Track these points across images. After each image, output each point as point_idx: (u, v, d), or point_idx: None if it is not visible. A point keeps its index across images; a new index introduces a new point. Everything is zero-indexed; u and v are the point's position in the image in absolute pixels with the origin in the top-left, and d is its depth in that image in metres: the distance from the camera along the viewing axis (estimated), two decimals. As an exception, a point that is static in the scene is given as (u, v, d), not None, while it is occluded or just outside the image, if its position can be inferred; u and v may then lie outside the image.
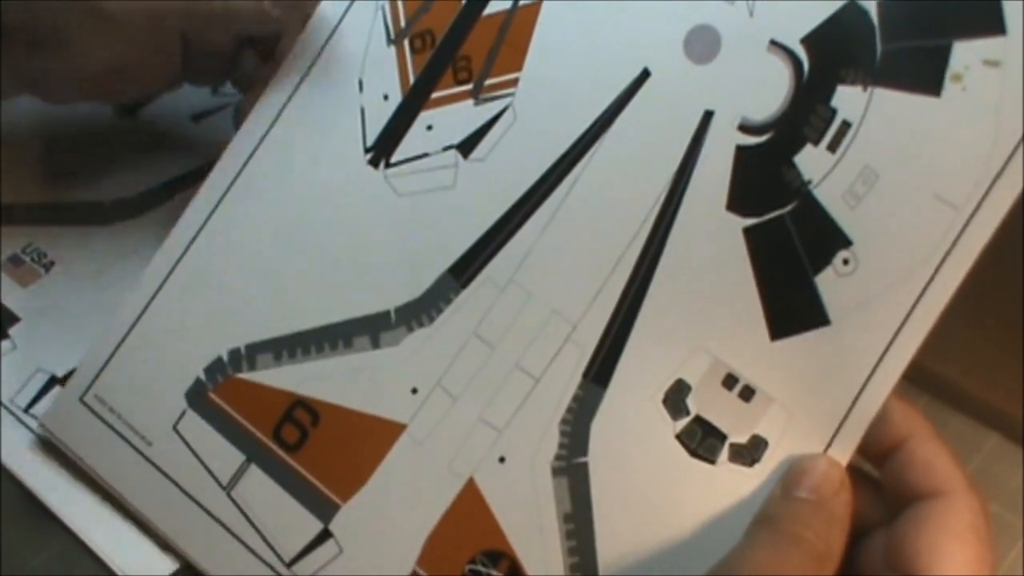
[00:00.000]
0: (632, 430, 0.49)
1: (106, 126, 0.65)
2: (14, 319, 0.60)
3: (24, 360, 0.59)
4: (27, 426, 0.57)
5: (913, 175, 0.47)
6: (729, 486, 0.48)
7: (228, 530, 0.52)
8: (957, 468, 0.46)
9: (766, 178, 0.48)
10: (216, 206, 0.54)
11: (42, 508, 0.55)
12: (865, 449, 0.47)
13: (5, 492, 0.55)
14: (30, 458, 0.56)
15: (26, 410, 0.56)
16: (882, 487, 0.48)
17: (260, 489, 0.52)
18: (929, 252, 0.46)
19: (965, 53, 0.46)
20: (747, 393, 0.48)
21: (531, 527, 0.50)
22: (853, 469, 0.48)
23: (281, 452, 0.52)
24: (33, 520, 0.55)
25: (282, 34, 0.55)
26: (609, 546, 0.49)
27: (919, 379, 0.58)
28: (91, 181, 0.64)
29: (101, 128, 0.65)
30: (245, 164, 0.54)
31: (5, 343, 0.59)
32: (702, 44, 0.49)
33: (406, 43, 0.53)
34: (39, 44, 0.53)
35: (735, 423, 0.48)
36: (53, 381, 0.58)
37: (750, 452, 0.48)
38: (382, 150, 0.53)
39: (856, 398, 0.47)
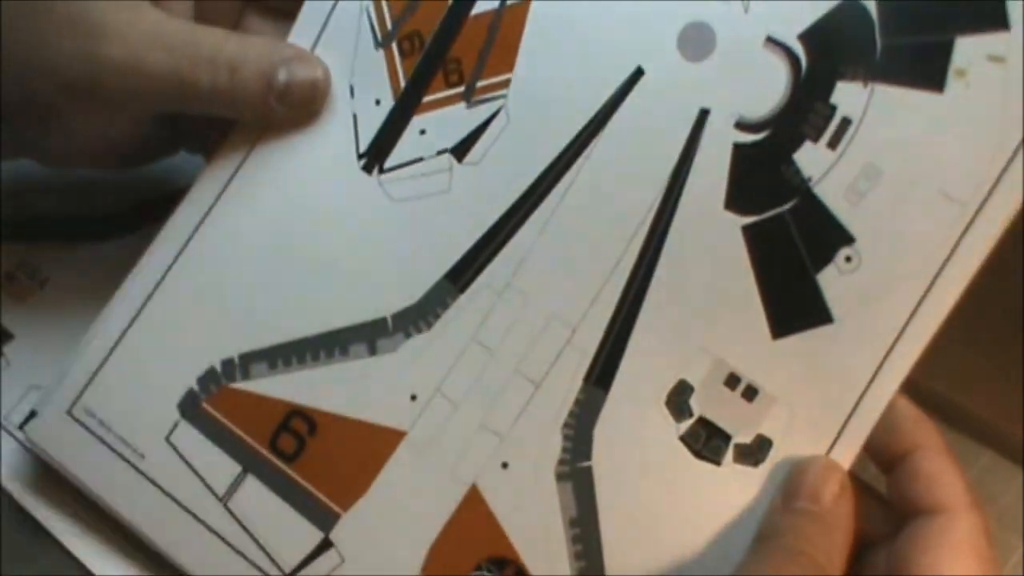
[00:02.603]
0: (636, 433, 0.49)
1: None
2: (8, 336, 0.60)
3: (18, 377, 0.58)
4: (21, 443, 0.56)
5: (917, 172, 0.47)
6: (735, 487, 0.48)
7: (226, 542, 0.52)
8: (961, 484, 0.46)
9: (765, 176, 0.48)
10: (207, 213, 0.53)
11: (35, 524, 0.54)
12: (874, 455, 0.47)
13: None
14: (23, 474, 0.55)
15: (20, 427, 0.55)
16: (887, 499, 0.47)
17: (258, 500, 0.52)
18: (934, 249, 0.46)
19: (968, 49, 0.46)
20: (750, 393, 0.48)
21: (536, 533, 0.49)
22: (858, 481, 0.47)
23: (278, 462, 0.51)
24: (26, 536, 0.54)
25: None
26: (615, 550, 0.48)
27: (913, 395, 0.57)
28: (86, 197, 0.63)
29: None
30: (237, 170, 0.53)
31: None
32: (696, 41, 0.49)
33: (394, 46, 0.52)
34: (37, 121, 0.53)
35: (739, 423, 0.48)
36: None
37: (755, 452, 0.48)
38: (375, 156, 0.53)
39: (861, 396, 0.47)
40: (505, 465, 0.50)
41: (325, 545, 0.51)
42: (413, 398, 0.51)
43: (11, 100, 0.52)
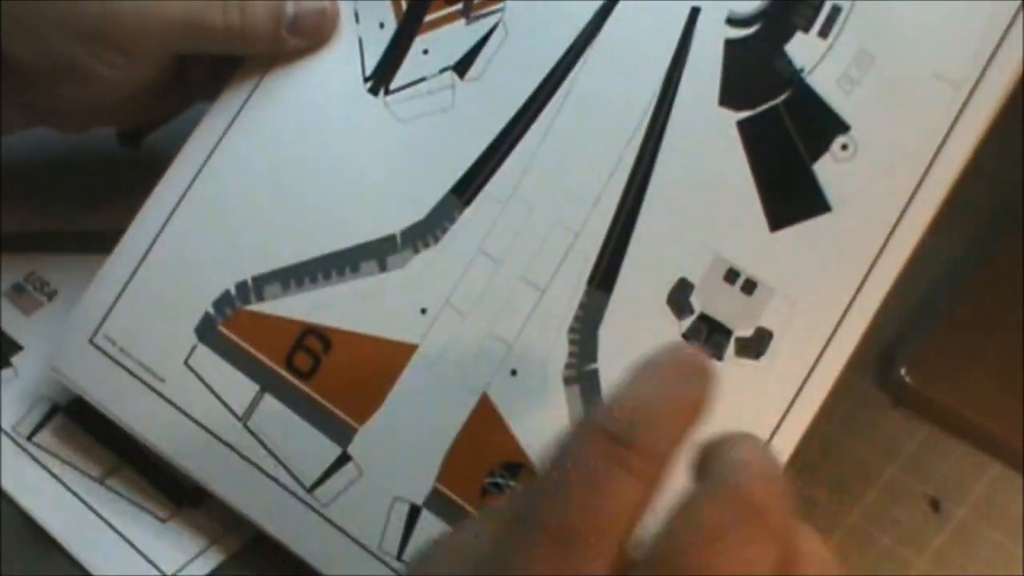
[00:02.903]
0: (639, 333, 0.49)
1: (109, 155, 0.65)
2: (17, 348, 0.61)
3: (27, 388, 0.59)
4: (29, 454, 0.57)
5: (909, 55, 0.47)
6: (737, 381, 0.48)
7: (248, 460, 0.52)
8: None
9: (757, 70, 0.48)
10: (219, 140, 0.54)
11: (44, 535, 0.55)
12: None
13: (6, 519, 0.55)
14: (32, 485, 0.56)
15: (29, 438, 0.57)
16: None
17: (276, 418, 0.52)
18: (930, 131, 0.46)
19: None
20: (749, 286, 0.48)
21: (546, 437, 0.49)
22: None
23: (295, 380, 0.52)
24: (35, 547, 0.55)
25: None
26: None
27: (921, 408, 0.59)
28: (93, 210, 0.64)
29: (104, 157, 0.65)
30: (248, 98, 0.54)
31: (8, 372, 0.60)
32: (682, -63, 0.49)
33: (393, -33, 0.53)
34: (57, 79, 0.54)
35: (739, 317, 0.48)
36: (56, 410, 0.58)
37: (755, 345, 0.48)
38: (381, 78, 0.53)
39: (862, 282, 0.47)
40: (514, 372, 0.50)
41: (343, 459, 0.52)
42: (423, 311, 0.51)
43: (32, 61, 0.53)
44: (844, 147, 0.47)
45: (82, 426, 0.58)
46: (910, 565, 0.55)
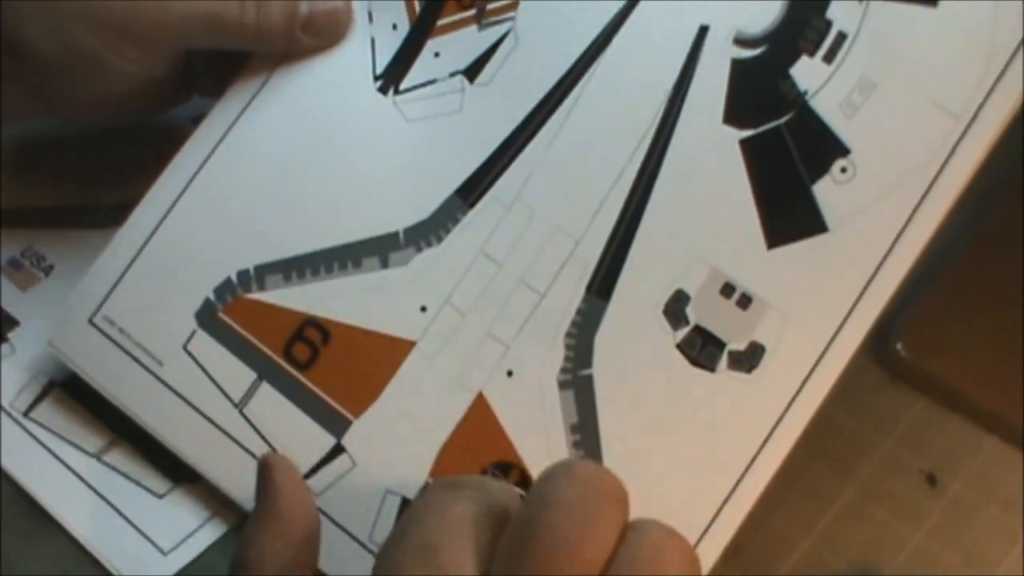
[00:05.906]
0: (635, 341, 0.50)
1: (106, 130, 0.65)
2: (13, 323, 0.61)
3: (24, 364, 0.59)
4: (26, 429, 0.57)
5: (911, 84, 0.48)
6: (729, 393, 0.49)
7: (242, 447, 0.53)
8: None
9: (762, 90, 0.49)
10: (228, 130, 0.55)
11: (41, 510, 0.55)
12: None
13: (4, 494, 0.55)
14: (29, 461, 0.56)
15: (25, 414, 0.57)
16: None
17: (272, 406, 0.53)
18: (928, 158, 0.48)
19: None
20: (744, 301, 0.49)
21: (539, 438, 0.51)
22: None
23: (292, 370, 0.53)
24: (32, 522, 0.55)
25: None
26: (615, 455, 0.50)
27: (917, 381, 0.59)
28: (90, 185, 0.64)
29: (100, 132, 0.65)
30: (259, 91, 0.55)
31: (4, 347, 0.60)
32: (694, -43, 0.50)
33: (409, -29, 0.54)
34: (73, 70, 0.54)
35: (733, 330, 0.49)
36: (52, 385, 0.58)
37: (748, 359, 0.49)
38: (391, 78, 0.54)
39: (855, 303, 0.48)
40: (510, 373, 0.51)
41: (337, 450, 0.53)
42: (423, 309, 0.52)
43: (51, 51, 0.54)
44: (844, 170, 0.48)
45: (79, 402, 0.58)
46: (906, 539, 0.55)
